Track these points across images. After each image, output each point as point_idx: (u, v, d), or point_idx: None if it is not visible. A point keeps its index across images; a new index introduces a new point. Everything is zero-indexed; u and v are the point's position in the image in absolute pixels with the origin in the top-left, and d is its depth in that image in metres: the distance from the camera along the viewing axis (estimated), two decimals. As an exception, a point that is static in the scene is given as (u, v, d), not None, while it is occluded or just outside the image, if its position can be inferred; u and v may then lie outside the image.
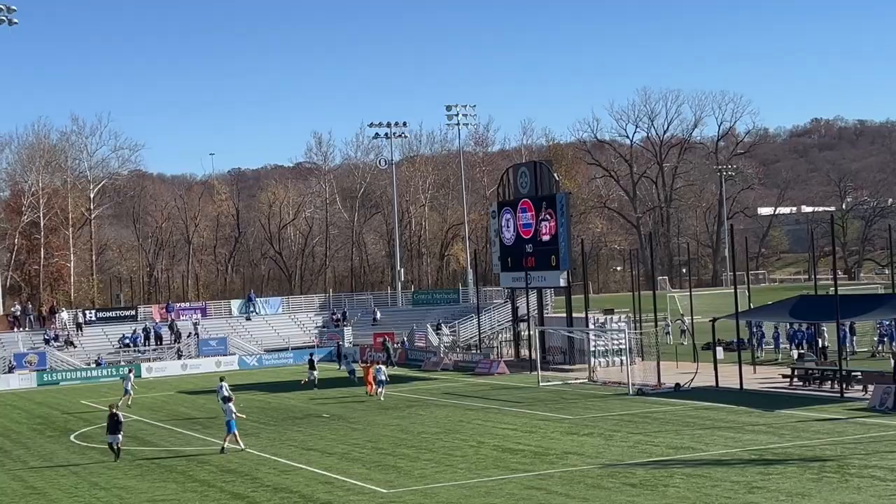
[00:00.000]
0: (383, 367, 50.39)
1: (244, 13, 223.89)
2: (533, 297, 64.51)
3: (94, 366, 71.13)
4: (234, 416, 34.80)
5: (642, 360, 53.97)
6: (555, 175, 61.94)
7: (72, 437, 40.63)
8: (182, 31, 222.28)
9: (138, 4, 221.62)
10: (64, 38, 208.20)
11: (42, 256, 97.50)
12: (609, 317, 59.17)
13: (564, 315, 60.74)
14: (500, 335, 71.93)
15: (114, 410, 33.93)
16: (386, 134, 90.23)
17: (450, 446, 33.37)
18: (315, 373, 54.54)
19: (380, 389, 47.82)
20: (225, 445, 34.25)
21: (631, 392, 45.06)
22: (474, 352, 65.83)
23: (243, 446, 34.21)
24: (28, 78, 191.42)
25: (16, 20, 75.73)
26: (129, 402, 49.55)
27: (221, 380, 45.53)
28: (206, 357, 71.55)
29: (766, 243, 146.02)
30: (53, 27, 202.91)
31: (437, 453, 32.08)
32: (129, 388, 50.47)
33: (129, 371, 54.96)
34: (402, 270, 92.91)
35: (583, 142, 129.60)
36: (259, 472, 30.15)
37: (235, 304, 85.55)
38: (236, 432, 34.54)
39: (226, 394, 40.86)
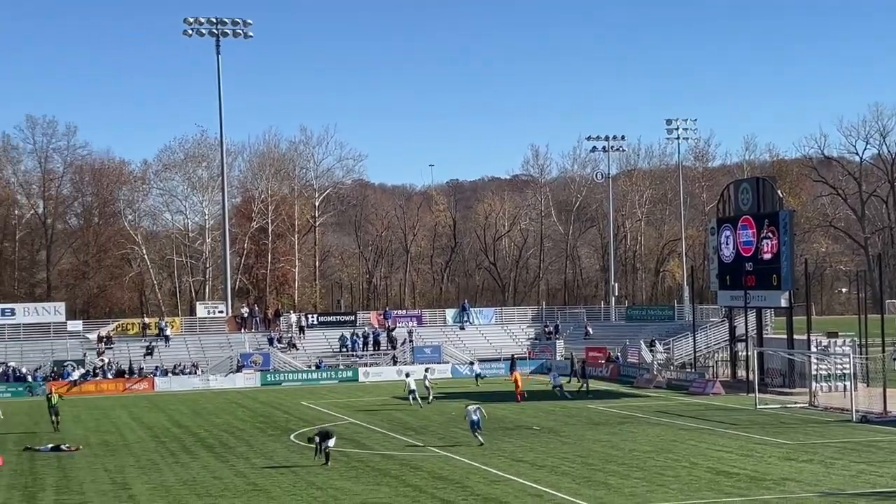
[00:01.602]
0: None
1: (464, 27, 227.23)
2: (751, 317, 62.67)
3: (314, 368, 73.55)
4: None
5: (867, 386, 51.70)
6: (778, 192, 60.07)
7: (291, 437, 42.08)
8: (406, 46, 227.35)
9: (366, 22, 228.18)
10: (294, 51, 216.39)
11: (269, 261, 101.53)
12: (833, 340, 56.79)
13: (785, 336, 58.78)
14: (715, 354, 70.21)
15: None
16: (603, 147, 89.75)
17: (662, 466, 32.83)
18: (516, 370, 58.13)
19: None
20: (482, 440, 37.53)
21: (854, 419, 43.19)
22: (689, 370, 64.52)
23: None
24: (260, 89, 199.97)
25: (251, 33, 79.47)
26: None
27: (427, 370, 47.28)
28: (421, 364, 72.89)
29: None
30: (285, 41, 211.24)
31: (648, 472, 31.62)
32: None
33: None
34: (616, 285, 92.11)
35: (809, 158, 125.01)
36: (469, 481, 30.46)
37: (450, 313, 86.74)
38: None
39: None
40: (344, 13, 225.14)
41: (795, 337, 57.21)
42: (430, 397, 55.12)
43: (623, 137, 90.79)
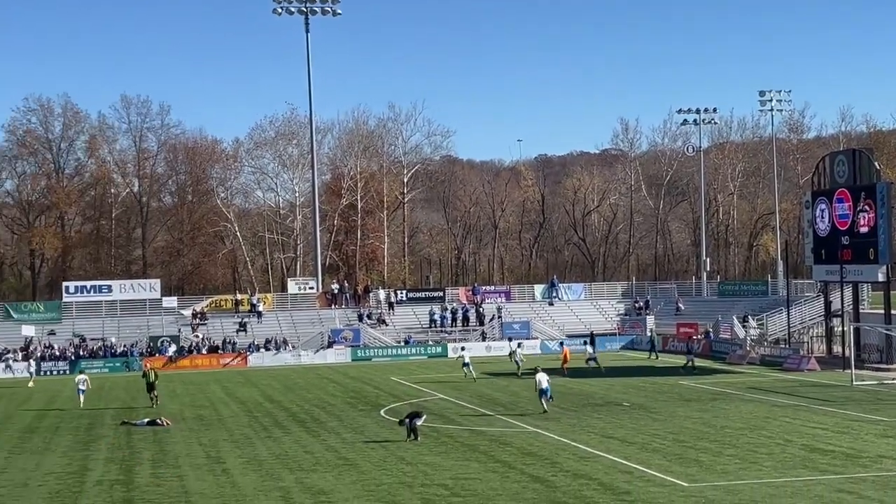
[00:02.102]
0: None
1: (550, 1, 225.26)
2: (847, 292, 61.30)
3: (403, 344, 74.00)
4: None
5: (969, 362, 50.26)
6: (875, 164, 58.53)
7: (381, 413, 42.38)
8: (493, 21, 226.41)
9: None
10: (382, 28, 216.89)
11: (358, 237, 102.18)
12: (932, 315, 55.36)
13: (882, 311, 57.46)
14: (810, 330, 68.97)
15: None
16: (695, 120, 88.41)
17: (755, 443, 32.35)
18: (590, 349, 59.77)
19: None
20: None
21: (955, 396, 42.11)
22: (783, 346, 63.49)
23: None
24: (349, 67, 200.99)
25: (339, 11, 79.86)
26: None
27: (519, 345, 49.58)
28: (510, 340, 72.84)
29: None
30: (373, 18, 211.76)
31: (741, 449, 31.18)
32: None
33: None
34: (708, 260, 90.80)
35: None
36: (559, 458, 30.36)
37: (538, 289, 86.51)
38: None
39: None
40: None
41: (893, 312, 55.89)
42: (520, 372, 55.30)
43: (715, 110, 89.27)
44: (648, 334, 71.03)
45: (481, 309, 79.78)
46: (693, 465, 28.83)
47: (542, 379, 40.47)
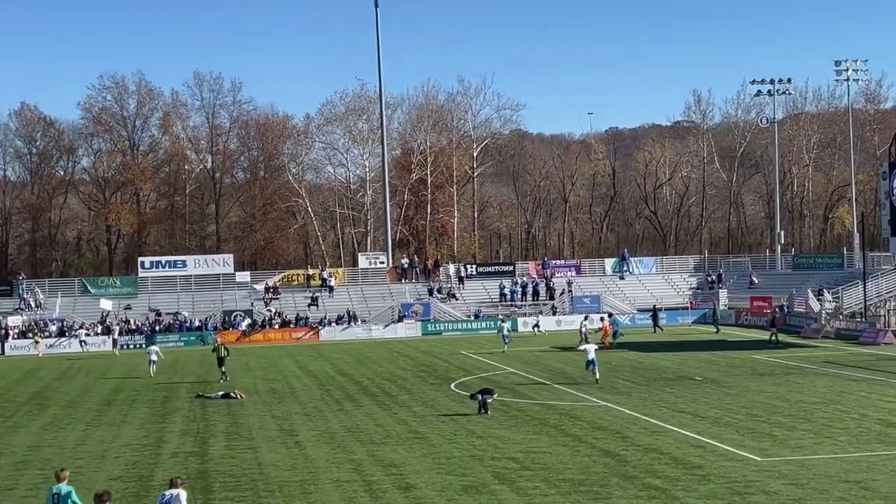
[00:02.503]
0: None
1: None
2: (926, 265, 60.15)
3: (473, 318, 74.10)
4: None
5: None
6: (956, 133, 57.18)
7: (452, 386, 42.52)
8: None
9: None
10: (451, 2, 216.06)
11: (428, 212, 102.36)
12: None
13: (962, 284, 56.26)
14: (887, 303, 67.60)
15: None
16: (769, 91, 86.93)
17: (829, 417, 31.91)
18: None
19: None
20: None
21: None
22: (859, 320, 62.45)
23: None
24: (419, 41, 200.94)
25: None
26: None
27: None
28: (580, 314, 72.58)
29: None
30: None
31: (815, 424, 30.78)
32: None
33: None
34: (783, 233, 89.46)
35: None
36: (630, 432, 30.23)
37: (609, 263, 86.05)
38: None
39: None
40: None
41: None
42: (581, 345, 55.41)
43: (789, 80, 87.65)
44: (711, 307, 70.82)
45: (551, 283, 79.59)
46: (766, 439, 28.53)
47: (590, 350, 42.36)
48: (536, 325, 69.70)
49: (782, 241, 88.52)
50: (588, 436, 29.77)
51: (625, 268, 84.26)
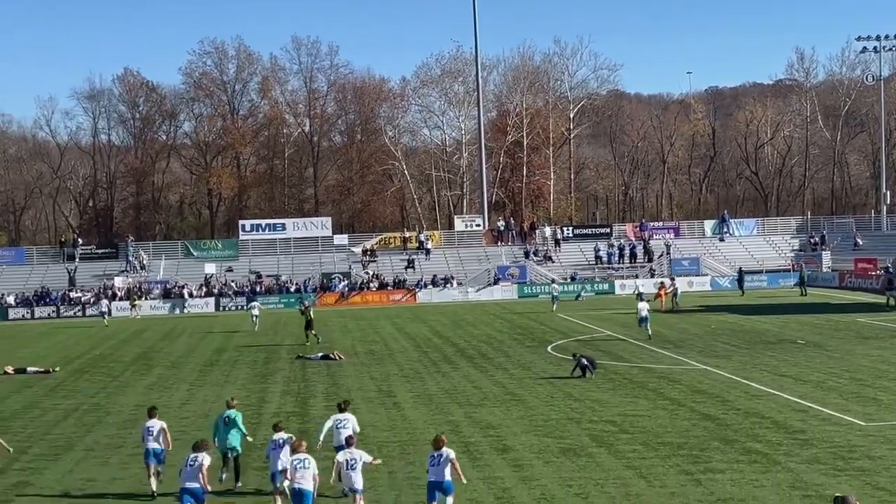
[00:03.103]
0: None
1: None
2: None
3: (569, 280, 73.78)
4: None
5: None
6: None
7: (549, 349, 42.46)
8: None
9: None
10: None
11: (524, 174, 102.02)
12: None
13: None
14: None
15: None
16: (874, 48, 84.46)
17: (937, 383, 31.13)
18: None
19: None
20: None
21: None
22: (968, 283, 60.61)
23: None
24: (515, 2, 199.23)
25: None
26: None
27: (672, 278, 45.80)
28: (678, 276, 71.77)
29: None
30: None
31: (922, 389, 30.07)
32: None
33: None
34: (888, 193, 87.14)
35: None
36: (730, 395, 29.86)
37: (709, 225, 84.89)
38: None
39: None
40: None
41: None
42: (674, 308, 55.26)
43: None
44: (797, 269, 69.50)
45: (649, 245, 78.80)
46: (871, 403, 27.95)
47: (643, 308, 44.87)
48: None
49: (888, 202, 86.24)
50: (687, 399, 29.49)
51: (725, 229, 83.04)
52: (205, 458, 18.50)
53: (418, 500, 19.51)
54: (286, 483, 18.59)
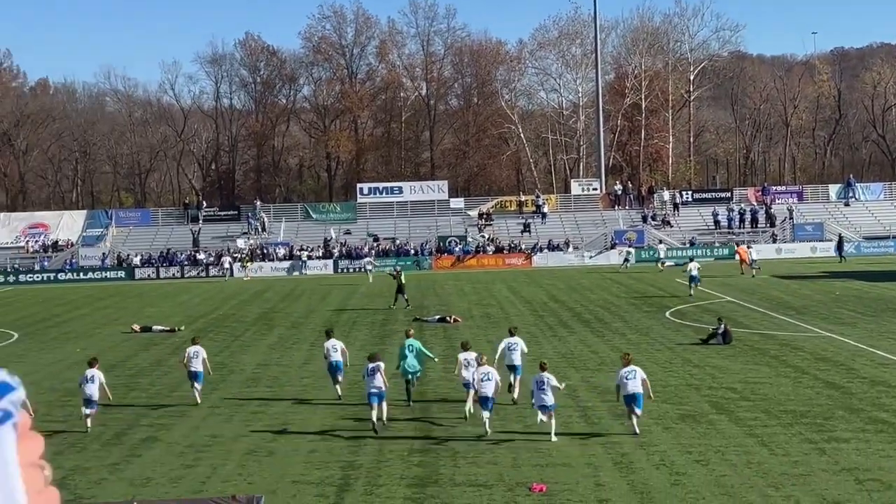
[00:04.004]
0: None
1: None
2: None
3: (688, 245, 72.79)
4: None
5: None
6: None
7: (667, 314, 42.01)
8: None
9: None
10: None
11: (642, 137, 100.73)
12: None
13: None
14: None
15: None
16: None
17: None
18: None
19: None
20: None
21: None
22: None
23: None
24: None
25: None
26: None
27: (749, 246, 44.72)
28: (801, 242, 70.24)
29: None
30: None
31: None
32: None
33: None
34: None
35: None
36: (855, 364, 29.16)
37: (833, 189, 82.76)
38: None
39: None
40: None
41: None
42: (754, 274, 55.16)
43: None
44: (837, 237, 67.69)
45: (771, 210, 77.18)
46: None
47: (693, 267, 47.69)
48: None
49: None
50: (811, 367, 28.88)
51: (850, 194, 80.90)
52: (381, 364, 22.94)
53: (535, 464, 19.55)
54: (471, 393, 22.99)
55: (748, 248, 60.91)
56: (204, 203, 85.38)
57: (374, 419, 22.45)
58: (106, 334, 41.82)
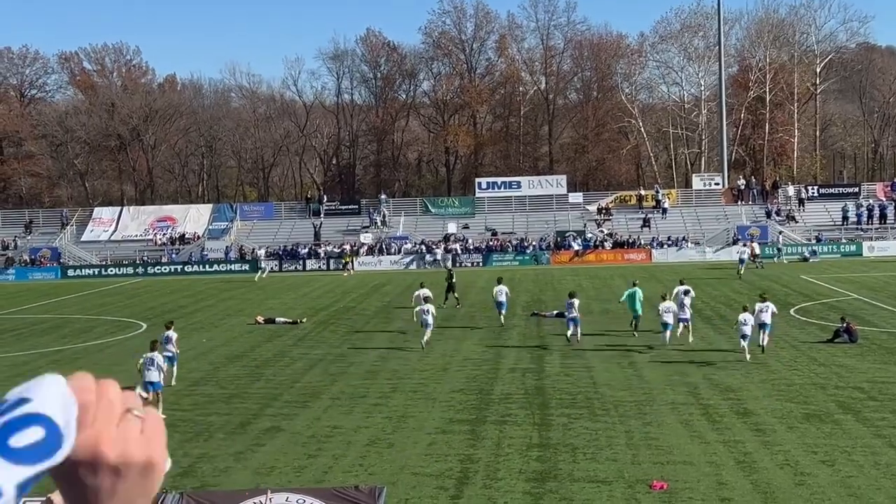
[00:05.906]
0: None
1: None
2: None
3: (814, 242, 71.18)
4: None
5: None
6: None
7: (791, 312, 41.14)
8: None
9: None
10: None
11: (766, 131, 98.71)
12: None
13: None
14: None
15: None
16: None
17: None
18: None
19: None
20: None
21: None
22: None
23: None
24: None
25: None
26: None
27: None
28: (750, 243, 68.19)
29: None
30: None
31: None
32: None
33: None
34: None
35: None
36: None
37: (968, 185, 79.90)
38: None
39: None
40: None
41: None
42: None
43: None
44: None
45: (901, 205, 74.98)
46: None
47: (744, 251, 54.62)
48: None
49: None
50: (943, 368, 28.02)
51: None
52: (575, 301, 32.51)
53: (655, 462, 19.41)
54: None
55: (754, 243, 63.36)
56: (325, 197, 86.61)
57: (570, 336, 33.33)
58: (230, 325, 42.81)
